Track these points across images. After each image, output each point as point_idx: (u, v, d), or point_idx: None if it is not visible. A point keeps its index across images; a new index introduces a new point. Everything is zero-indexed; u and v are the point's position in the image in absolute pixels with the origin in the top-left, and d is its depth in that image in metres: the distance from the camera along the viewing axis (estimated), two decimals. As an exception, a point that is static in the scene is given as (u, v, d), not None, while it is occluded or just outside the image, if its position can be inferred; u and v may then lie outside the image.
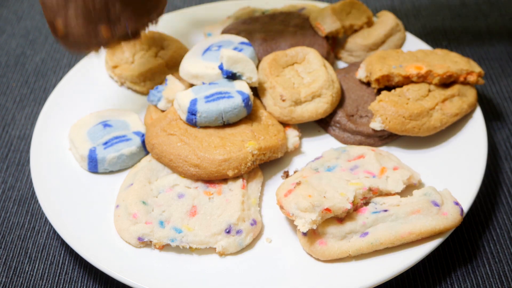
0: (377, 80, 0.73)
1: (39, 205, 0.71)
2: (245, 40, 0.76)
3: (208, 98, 0.68)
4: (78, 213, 0.64)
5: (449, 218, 0.60)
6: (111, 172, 0.70)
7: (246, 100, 0.68)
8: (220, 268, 0.60)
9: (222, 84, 0.70)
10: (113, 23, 0.61)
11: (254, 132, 0.69)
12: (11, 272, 0.64)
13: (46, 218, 0.69)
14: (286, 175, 0.69)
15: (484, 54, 0.92)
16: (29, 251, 0.67)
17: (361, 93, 0.75)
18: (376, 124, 0.70)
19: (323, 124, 0.75)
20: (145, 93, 0.80)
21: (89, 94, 0.80)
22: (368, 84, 0.76)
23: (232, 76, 0.71)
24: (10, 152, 0.78)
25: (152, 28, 0.67)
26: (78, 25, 0.59)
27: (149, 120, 0.73)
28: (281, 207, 0.60)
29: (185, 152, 0.66)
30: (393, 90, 0.72)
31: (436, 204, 0.60)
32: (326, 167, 0.66)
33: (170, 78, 0.75)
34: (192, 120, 0.68)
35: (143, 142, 0.71)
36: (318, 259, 0.60)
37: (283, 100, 0.71)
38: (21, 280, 0.64)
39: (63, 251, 0.66)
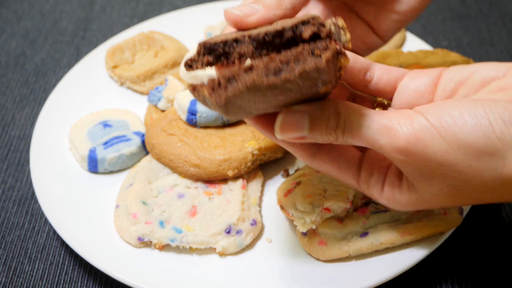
0: (377, 80, 0.73)
1: (39, 205, 0.71)
2: (245, 40, 0.76)
3: (208, 98, 0.68)
4: (78, 213, 0.64)
5: (449, 218, 0.59)
6: (111, 172, 0.70)
7: (246, 100, 0.68)
8: (220, 268, 0.60)
9: (222, 84, 0.70)
10: None
11: (254, 132, 0.68)
12: (11, 272, 0.64)
13: (46, 218, 0.69)
14: (287, 173, 0.69)
15: (484, 54, 0.92)
16: (29, 251, 0.66)
17: (361, 93, 0.75)
18: (376, 124, 0.70)
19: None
20: (145, 93, 0.80)
21: (89, 94, 0.80)
22: (368, 84, 0.76)
23: (232, 76, 0.71)
24: (10, 152, 0.78)
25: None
26: None
27: (149, 120, 0.73)
28: (281, 207, 0.60)
29: (185, 152, 0.66)
30: (393, 90, 0.72)
31: (436, 204, 0.60)
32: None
33: (170, 78, 0.75)
34: (192, 120, 0.68)
35: (143, 142, 0.71)
36: (318, 259, 0.60)
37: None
38: (21, 280, 0.64)
39: (63, 251, 0.66)
